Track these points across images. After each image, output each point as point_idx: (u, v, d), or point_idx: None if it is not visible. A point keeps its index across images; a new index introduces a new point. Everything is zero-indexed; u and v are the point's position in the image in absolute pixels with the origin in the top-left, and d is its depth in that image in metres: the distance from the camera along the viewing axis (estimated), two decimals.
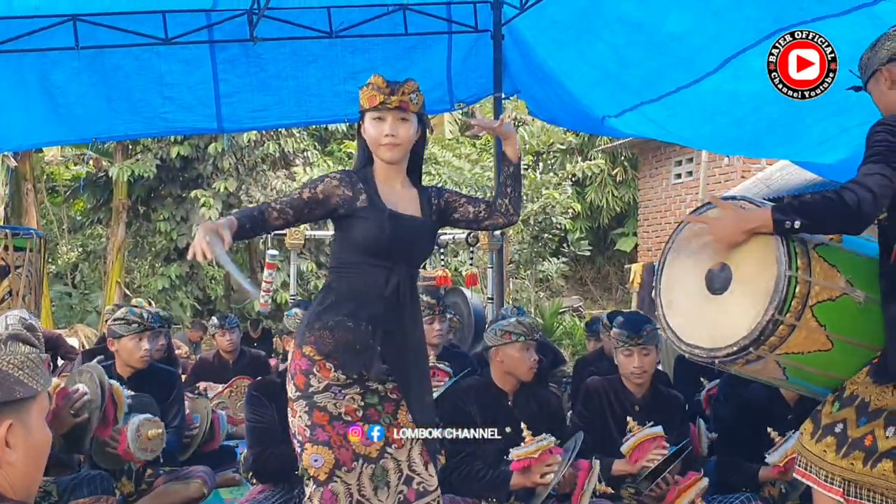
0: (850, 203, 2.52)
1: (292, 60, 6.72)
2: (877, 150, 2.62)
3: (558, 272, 16.66)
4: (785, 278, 2.64)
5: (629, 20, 5.59)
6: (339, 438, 2.93)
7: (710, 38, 5.20)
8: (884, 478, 2.67)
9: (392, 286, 2.99)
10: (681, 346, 2.91)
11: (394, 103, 3.01)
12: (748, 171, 13.58)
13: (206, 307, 15.26)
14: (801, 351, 2.72)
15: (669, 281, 3.02)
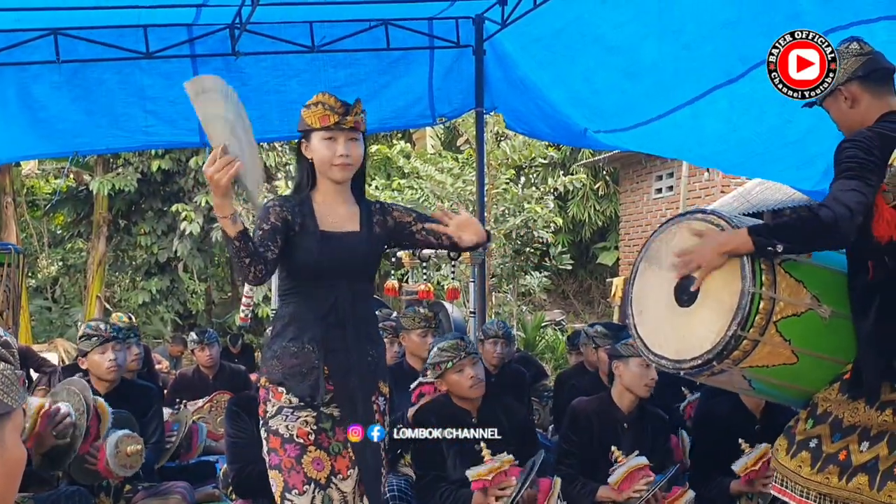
0: (827, 221, 2.55)
1: (274, 75, 6.71)
2: (848, 165, 2.65)
3: (540, 286, 16.63)
4: (748, 295, 2.67)
5: (606, 44, 5.63)
6: (290, 461, 2.94)
7: (681, 71, 5.23)
8: (858, 492, 2.70)
9: (328, 306, 2.99)
10: (649, 356, 2.96)
11: (349, 123, 3.00)
12: (728, 185, 13.66)
13: (186, 321, 15.19)
14: (766, 364, 2.76)
15: (641, 291, 3.06)
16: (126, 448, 3.87)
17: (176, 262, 14.56)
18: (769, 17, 4.40)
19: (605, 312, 18.18)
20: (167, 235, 14.25)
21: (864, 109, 2.82)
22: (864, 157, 2.65)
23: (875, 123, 2.78)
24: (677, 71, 5.25)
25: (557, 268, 18.10)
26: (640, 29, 5.32)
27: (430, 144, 15.90)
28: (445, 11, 6.60)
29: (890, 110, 2.80)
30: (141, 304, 14.30)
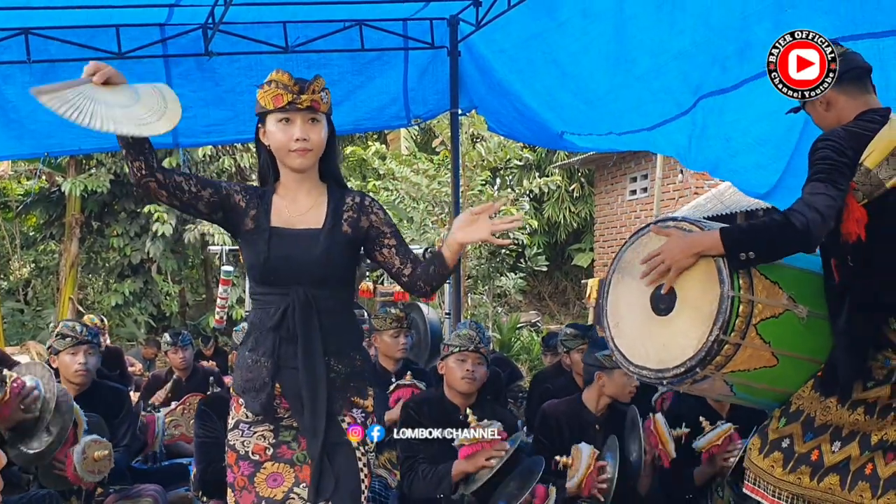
0: (799, 227, 2.56)
1: (248, 75, 6.68)
2: (820, 167, 2.66)
3: (516, 287, 16.69)
4: (728, 299, 2.68)
5: (562, 68, 5.69)
6: (243, 480, 2.72)
7: (634, 102, 5.28)
8: (830, 492, 2.73)
9: (278, 315, 2.68)
10: (629, 368, 2.93)
11: (304, 103, 2.66)
12: (701, 187, 13.76)
13: (160, 324, 15.10)
14: (747, 368, 2.76)
15: (615, 303, 3.04)
16: (93, 453, 3.81)
17: (149, 263, 14.47)
18: (720, 47, 4.44)
19: (580, 313, 18.25)
20: (140, 237, 14.16)
21: (839, 111, 2.84)
22: (836, 158, 2.66)
23: (851, 122, 2.79)
24: (630, 101, 5.31)
25: (533, 269, 18.17)
26: (593, 59, 5.36)
27: (405, 146, 15.89)
28: (420, 12, 6.60)
29: (868, 108, 2.81)
30: (114, 307, 14.20)
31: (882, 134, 2.70)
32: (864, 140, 2.70)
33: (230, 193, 2.74)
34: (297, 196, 2.78)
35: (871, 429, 2.73)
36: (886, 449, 2.71)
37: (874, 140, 2.69)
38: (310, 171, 2.78)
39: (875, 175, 2.67)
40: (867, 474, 2.71)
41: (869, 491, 2.70)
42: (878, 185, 2.67)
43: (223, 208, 2.73)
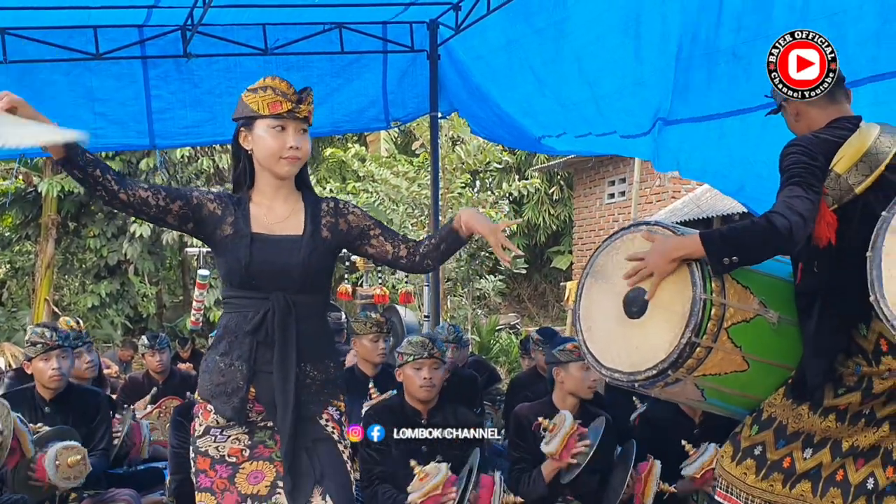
0: (782, 230, 2.56)
1: (226, 77, 6.66)
2: (795, 171, 2.68)
3: (495, 290, 16.69)
4: (700, 301, 2.68)
5: (537, 74, 5.73)
6: (222, 482, 2.68)
7: (599, 118, 5.35)
8: (802, 498, 2.76)
9: (256, 320, 2.66)
10: (601, 371, 2.94)
11: (303, 112, 2.69)
12: (678, 191, 13.83)
13: (137, 325, 15.00)
14: (718, 372, 2.77)
15: (588, 306, 3.04)
16: (66, 459, 3.77)
17: (126, 264, 14.38)
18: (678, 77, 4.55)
19: (558, 315, 18.29)
20: (117, 238, 14.06)
21: (809, 121, 2.85)
22: (809, 161, 2.68)
23: (822, 129, 2.81)
24: (597, 116, 5.39)
25: (512, 271, 18.18)
26: (563, 69, 5.42)
27: (385, 148, 15.89)
28: (400, 16, 6.60)
29: (840, 116, 2.82)
30: (90, 308, 14.09)
31: (851, 140, 2.72)
32: (833, 146, 2.72)
33: (202, 203, 2.72)
34: (273, 204, 2.77)
35: (842, 435, 2.76)
36: (857, 455, 2.74)
37: (843, 146, 2.72)
38: (288, 179, 2.77)
39: (844, 180, 2.69)
40: (838, 480, 2.74)
41: (840, 497, 2.73)
42: (847, 190, 2.70)
43: (193, 219, 2.71)
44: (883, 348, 2.71)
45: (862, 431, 2.75)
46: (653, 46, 4.66)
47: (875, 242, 2.41)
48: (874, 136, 2.72)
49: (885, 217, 2.42)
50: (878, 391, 2.71)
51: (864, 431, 2.74)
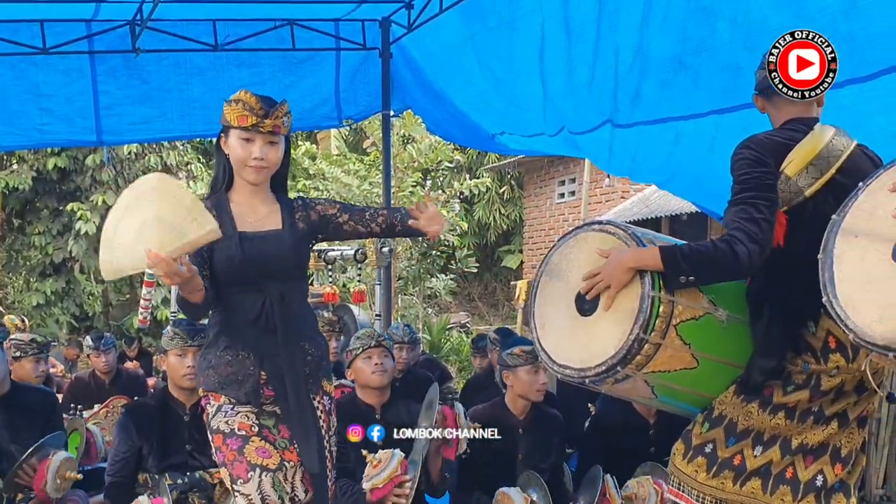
0: (742, 258, 2.58)
1: (176, 73, 6.59)
2: (748, 186, 2.68)
3: (446, 289, 16.74)
4: (649, 298, 2.70)
5: (493, 71, 5.76)
6: (232, 454, 2.90)
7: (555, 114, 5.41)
8: (752, 496, 2.79)
9: (257, 310, 2.94)
10: (553, 367, 2.95)
11: (266, 127, 2.91)
12: (628, 191, 13.98)
13: (83, 324, 14.76)
14: (667, 369, 2.79)
15: (542, 304, 3.06)
16: (65, 472, 3.83)
17: (72, 262, 14.13)
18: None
19: (509, 314, 18.37)
20: (62, 235, 13.82)
21: (773, 116, 2.90)
22: (761, 170, 2.68)
23: (777, 129, 2.84)
24: (552, 113, 5.43)
25: (463, 270, 18.22)
26: (518, 66, 5.47)
27: (335, 146, 15.83)
28: (352, 13, 6.59)
29: (796, 117, 2.83)
30: (35, 306, 13.83)
31: (803, 143, 2.74)
32: (784, 149, 2.74)
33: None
34: (253, 203, 3.02)
35: (791, 433, 2.80)
36: (806, 453, 2.79)
37: (795, 149, 2.73)
38: (264, 183, 3.03)
39: (794, 183, 2.71)
40: (788, 478, 2.79)
41: (790, 494, 2.77)
42: (797, 192, 2.72)
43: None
44: (831, 346, 2.74)
45: (811, 429, 2.79)
46: (599, 51, 4.74)
47: (826, 245, 2.43)
48: (827, 138, 2.74)
49: (835, 220, 2.45)
50: (826, 388, 2.76)
51: (814, 429, 2.78)
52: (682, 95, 4.40)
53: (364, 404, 4.10)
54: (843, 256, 2.39)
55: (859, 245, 2.36)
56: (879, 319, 2.23)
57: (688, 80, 4.31)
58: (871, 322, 2.24)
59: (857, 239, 2.37)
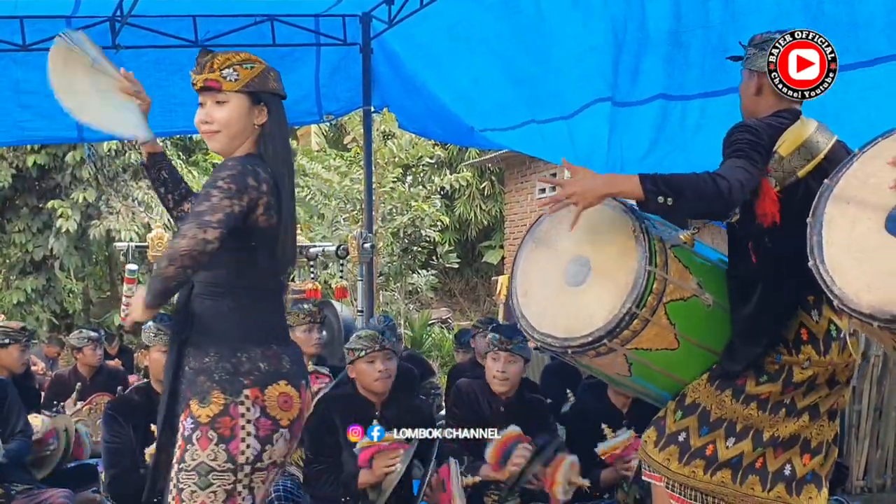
0: (722, 188, 2.59)
1: (157, 69, 6.58)
2: (739, 146, 2.72)
3: (427, 284, 16.76)
4: (645, 272, 2.73)
5: (491, 47, 5.75)
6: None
7: (554, 88, 5.41)
8: (722, 485, 2.84)
9: (180, 301, 2.56)
10: (533, 336, 2.95)
11: (198, 84, 2.54)
12: None
13: (63, 322, 14.68)
14: (650, 347, 2.83)
15: (527, 272, 3.06)
16: None
17: (52, 260, 14.05)
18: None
19: (489, 310, 18.38)
20: (43, 233, 13.73)
21: (763, 102, 2.90)
22: (754, 139, 2.73)
23: (767, 116, 2.87)
24: (551, 87, 5.43)
25: (444, 266, 18.25)
26: (517, 43, 5.46)
27: (315, 142, 15.80)
28: (332, 9, 6.60)
29: (785, 108, 2.88)
30: (16, 304, 13.73)
31: (793, 128, 2.80)
32: (776, 131, 2.79)
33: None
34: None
35: (763, 425, 2.84)
36: (777, 445, 2.84)
37: (786, 132, 2.78)
38: (223, 154, 2.62)
39: (788, 163, 2.75)
40: (757, 468, 2.83)
41: (759, 484, 2.82)
42: (790, 172, 2.76)
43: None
44: (803, 337, 2.80)
45: (783, 422, 2.83)
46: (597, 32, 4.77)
47: (816, 209, 2.45)
48: (812, 129, 2.81)
49: (828, 185, 2.47)
50: (798, 380, 2.81)
51: (785, 422, 2.83)
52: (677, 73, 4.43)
53: (364, 399, 4.09)
54: (833, 222, 2.40)
55: (850, 212, 2.37)
56: (867, 288, 2.24)
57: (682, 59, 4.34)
58: (858, 290, 2.26)
59: (849, 206, 2.38)
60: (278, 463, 2.54)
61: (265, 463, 2.47)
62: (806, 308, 2.79)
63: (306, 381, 2.64)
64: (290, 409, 2.51)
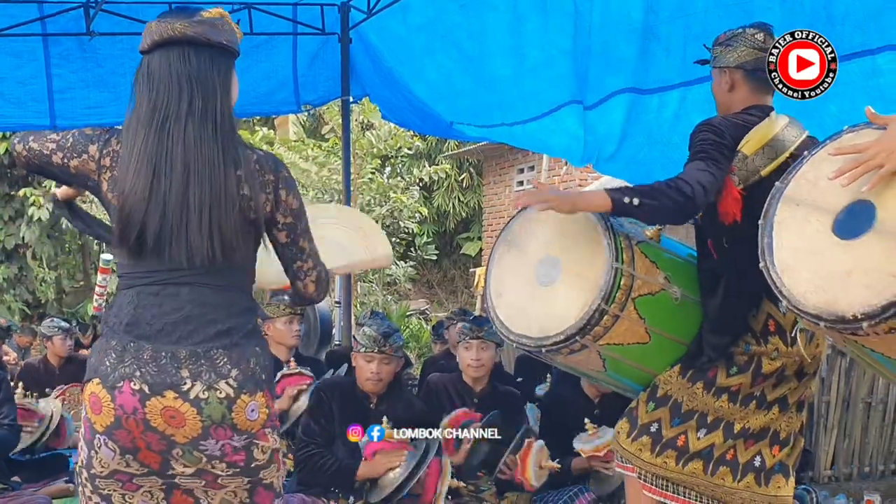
0: (685, 192, 2.65)
1: (131, 56, 6.40)
2: (702, 147, 2.77)
3: (406, 276, 16.76)
4: (612, 269, 2.78)
5: (462, 50, 5.73)
6: None
7: (528, 90, 5.40)
8: (694, 475, 2.89)
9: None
10: (509, 336, 3.01)
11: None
12: (585, 179, 14.05)
13: (35, 311, 14.56)
14: (622, 342, 2.87)
15: (500, 273, 3.10)
16: None
17: (24, 248, 13.93)
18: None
19: (468, 302, 18.41)
20: (14, 221, 13.62)
21: (737, 97, 2.95)
22: (717, 139, 2.78)
23: (736, 113, 2.91)
24: (525, 89, 5.42)
25: (422, 257, 18.25)
26: (491, 44, 5.44)
27: (293, 131, 15.71)
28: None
29: (755, 104, 2.92)
30: None
31: (759, 126, 2.84)
32: (743, 129, 2.84)
33: None
34: None
35: (734, 417, 2.89)
36: (747, 437, 2.90)
37: (752, 131, 2.83)
38: None
39: (752, 161, 2.81)
40: (728, 459, 2.90)
41: (730, 475, 2.89)
42: (753, 171, 2.81)
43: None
44: (770, 328, 2.85)
45: (753, 414, 2.89)
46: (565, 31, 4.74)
47: (768, 211, 2.49)
48: (782, 124, 2.85)
49: (779, 187, 2.51)
50: (766, 371, 2.86)
51: (756, 414, 2.89)
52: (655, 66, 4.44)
53: (361, 391, 4.08)
54: (784, 224, 2.44)
55: (800, 214, 2.41)
56: (814, 290, 2.28)
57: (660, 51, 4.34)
58: (806, 291, 2.29)
59: (799, 207, 2.42)
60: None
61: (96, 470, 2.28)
62: (773, 300, 2.82)
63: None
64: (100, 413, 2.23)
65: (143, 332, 2.25)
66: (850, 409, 6.25)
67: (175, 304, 2.27)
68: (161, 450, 2.23)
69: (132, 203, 2.23)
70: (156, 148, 2.25)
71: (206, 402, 2.21)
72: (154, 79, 2.35)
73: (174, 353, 2.23)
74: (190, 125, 2.27)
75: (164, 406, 2.20)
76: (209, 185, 2.24)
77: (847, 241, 2.25)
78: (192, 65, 2.34)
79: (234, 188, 2.26)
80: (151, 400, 2.19)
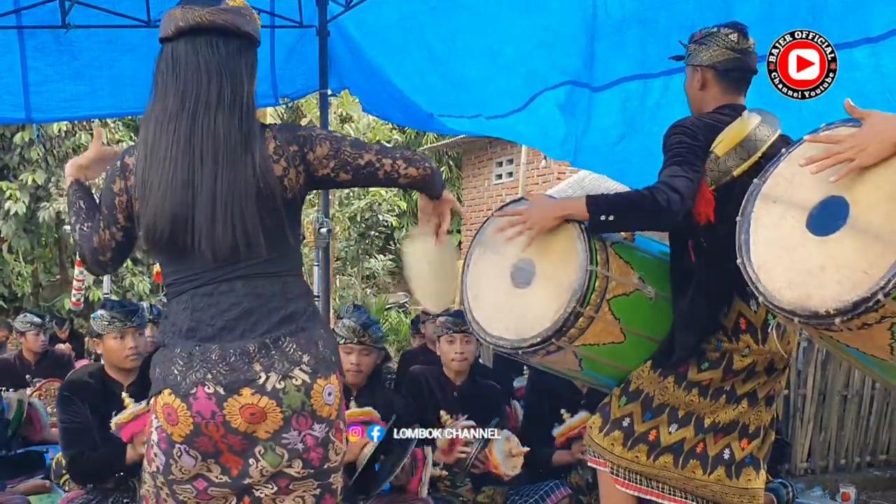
0: (661, 202, 2.67)
1: (107, 49, 6.43)
2: (677, 151, 2.78)
3: (385, 269, 16.75)
4: (586, 272, 2.79)
5: (431, 51, 5.72)
6: None
7: (502, 89, 5.41)
8: (665, 469, 2.93)
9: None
10: (486, 339, 3.01)
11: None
12: (563, 172, 14.10)
13: (11, 305, 14.46)
14: (597, 343, 2.88)
15: (476, 276, 3.12)
16: None
17: (0, 242, 13.82)
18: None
19: None
20: None
21: (708, 96, 2.96)
22: (691, 142, 2.79)
23: (708, 112, 2.93)
24: (498, 88, 5.42)
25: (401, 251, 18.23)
26: (461, 46, 5.43)
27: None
28: None
29: (728, 103, 2.94)
30: None
31: (732, 126, 2.85)
32: (715, 130, 2.85)
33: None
34: None
35: (705, 411, 2.93)
36: (717, 431, 2.94)
37: (724, 131, 2.84)
38: None
39: (724, 162, 2.82)
40: (698, 453, 2.93)
41: (700, 468, 2.92)
42: (725, 172, 2.82)
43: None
44: (742, 326, 2.88)
45: (723, 408, 2.92)
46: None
47: (745, 208, 2.50)
48: (754, 124, 2.86)
49: (757, 184, 2.52)
50: (737, 368, 2.89)
51: (725, 408, 2.92)
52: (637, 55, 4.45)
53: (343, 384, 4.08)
54: (760, 220, 2.45)
55: (777, 211, 2.42)
56: (788, 286, 2.29)
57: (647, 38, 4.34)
58: (781, 287, 2.31)
59: (776, 204, 2.43)
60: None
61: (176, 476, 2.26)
62: (745, 298, 2.86)
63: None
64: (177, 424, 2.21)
65: (205, 334, 2.22)
66: (826, 402, 6.31)
67: (232, 300, 2.23)
68: (243, 450, 2.22)
69: (164, 194, 2.20)
70: (188, 139, 2.21)
71: (285, 392, 2.19)
72: (181, 67, 2.28)
73: (243, 348, 2.20)
74: (220, 116, 2.22)
75: (242, 404, 2.17)
76: (234, 176, 2.20)
77: (821, 237, 2.26)
78: (220, 54, 2.27)
79: (252, 177, 2.21)
80: (229, 400, 2.16)
